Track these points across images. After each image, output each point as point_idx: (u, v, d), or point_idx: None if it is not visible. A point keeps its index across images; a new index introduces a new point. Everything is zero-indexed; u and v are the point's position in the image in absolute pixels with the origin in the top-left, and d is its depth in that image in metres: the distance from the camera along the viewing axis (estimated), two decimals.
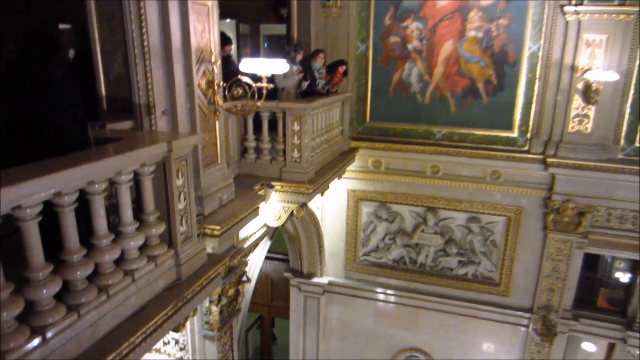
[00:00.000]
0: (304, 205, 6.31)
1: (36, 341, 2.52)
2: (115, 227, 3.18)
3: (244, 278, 5.53)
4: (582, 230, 8.06)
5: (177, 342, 4.97)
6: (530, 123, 8.04)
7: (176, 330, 3.74)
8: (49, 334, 2.57)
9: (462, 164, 8.48)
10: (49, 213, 2.61)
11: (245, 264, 5.56)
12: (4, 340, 2.41)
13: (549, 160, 7.84)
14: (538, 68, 7.72)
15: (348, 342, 10.11)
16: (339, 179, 8.25)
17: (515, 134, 8.20)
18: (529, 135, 8.10)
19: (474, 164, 8.42)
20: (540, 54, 7.65)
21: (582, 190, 7.84)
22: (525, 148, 8.16)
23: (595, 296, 9.10)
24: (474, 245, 8.94)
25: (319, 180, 6.42)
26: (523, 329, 8.98)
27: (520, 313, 8.86)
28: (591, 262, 8.79)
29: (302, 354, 10.38)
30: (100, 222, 2.89)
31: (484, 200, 8.60)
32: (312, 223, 8.83)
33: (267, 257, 10.16)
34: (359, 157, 8.79)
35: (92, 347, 2.84)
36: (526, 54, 7.74)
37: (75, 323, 2.73)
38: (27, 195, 2.32)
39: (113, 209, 3.31)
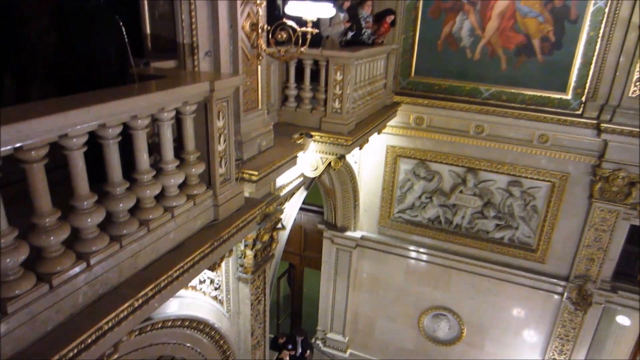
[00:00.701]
0: (342, 158, 6.26)
1: (81, 266, 2.64)
2: (156, 164, 3.24)
3: (279, 225, 5.60)
4: (631, 202, 7.70)
5: (212, 281, 5.13)
6: (587, 85, 7.57)
7: (212, 269, 3.85)
8: (92, 261, 2.68)
9: (509, 125, 8.15)
10: (92, 151, 2.66)
11: (281, 211, 5.61)
12: (51, 263, 2.53)
13: (603, 125, 7.42)
14: (602, 26, 7.17)
15: (377, 296, 10.26)
16: (378, 133, 8.11)
17: (568, 96, 7.76)
18: (583, 99, 7.65)
19: (521, 126, 8.08)
20: (606, 10, 7.08)
21: (636, 159, 7.42)
22: (579, 112, 7.74)
23: (636, 270, 8.78)
24: (513, 209, 8.73)
25: (359, 132, 6.32)
26: (557, 296, 8.84)
27: (555, 281, 8.70)
28: (636, 235, 8.43)
29: (332, 304, 10.63)
30: (143, 157, 2.94)
31: (528, 164, 8.30)
32: (348, 177, 8.80)
33: (302, 208, 10.26)
34: (401, 112, 8.58)
35: (132, 276, 2.96)
36: (591, 9, 7.19)
37: (118, 252, 2.83)
38: (73, 125, 2.36)
39: (154, 148, 3.37)
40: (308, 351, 10.60)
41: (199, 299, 4.93)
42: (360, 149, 7.51)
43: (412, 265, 9.75)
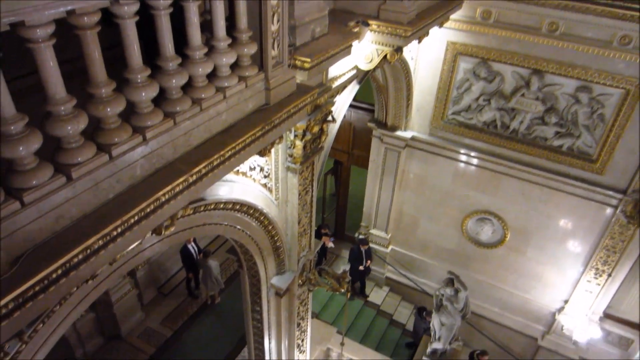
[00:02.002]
0: (398, 50, 5.91)
1: (137, 139, 2.71)
2: (208, 43, 3.15)
3: (329, 118, 5.52)
4: None
5: (262, 169, 5.24)
6: None
7: (262, 154, 3.89)
8: (148, 135, 2.75)
9: (587, 23, 7.34)
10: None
11: (332, 103, 5.49)
12: (109, 134, 2.61)
13: None
14: None
15: (422, 196, 10.30)
16: (440, 26, 7.54)
17: None
18: None
19: (602, 25, 7.26)
20: None
21: None
22: None
23: None
24: (577, 117, 8.19)
25: (419, 23, 5.87)
26: (610, 209, 8.56)
27: (611, 193, 8.37)
28: None
29: (377, 202, 10.82)
30: (195, 32, 2.85)
31: (603, 68, 7.58)
32: (403, 73, 8.42)
33: (352, 106, 10.08)
34: (467, 4, 7.86)
35: (186, 154, 3.03)
36: None
37: (171, 129, 2.88)
38: None
39: (205, 27, 3.25)
40: (369, 261, 11.06)
41: (249, 185, 5.07)
42: (419, 42, 7.05)
43: (461, 169, 9.58)
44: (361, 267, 10.92)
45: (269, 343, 7.16)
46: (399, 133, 9.63)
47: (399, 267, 11.49)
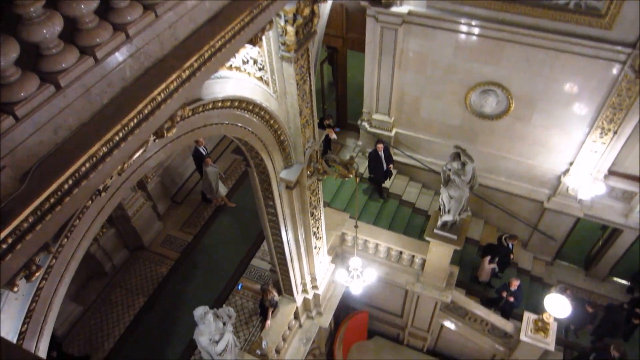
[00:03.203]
0: None
1: (120, 38, 2.54)
2: None
3: None
4: None
5: (255, 61, 5.02)
6: None
7: (253, 42, 3.69)
8: (130, 31, 2.58)
9: None
10: None
11: None
12: (89, 34, 2.44)
13: None
14: None
15: (424, 74, 10.01)
16: None
17: None
18: None
19: None
20: None
21: None
22: None
23: None
24: None
25: None
26: (617, 65, 8.29)
27: (620, 48, 8.03)
28: None
29: (377, 85, 10.56)
30: None
31: None
32: None
33: None
34: None
35: (174, 49, 2.87)
36: None
37: (154, 22, 2.69)
38: None
39: None
40: (391, 165, 11.03)
41: (245, 79, 4.90)
42: None
43: (462, 41, 9.17)
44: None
45: (286, 234, 7.46)
46: (394, 9, 9.08)
47: (404, 149, 11.56)
